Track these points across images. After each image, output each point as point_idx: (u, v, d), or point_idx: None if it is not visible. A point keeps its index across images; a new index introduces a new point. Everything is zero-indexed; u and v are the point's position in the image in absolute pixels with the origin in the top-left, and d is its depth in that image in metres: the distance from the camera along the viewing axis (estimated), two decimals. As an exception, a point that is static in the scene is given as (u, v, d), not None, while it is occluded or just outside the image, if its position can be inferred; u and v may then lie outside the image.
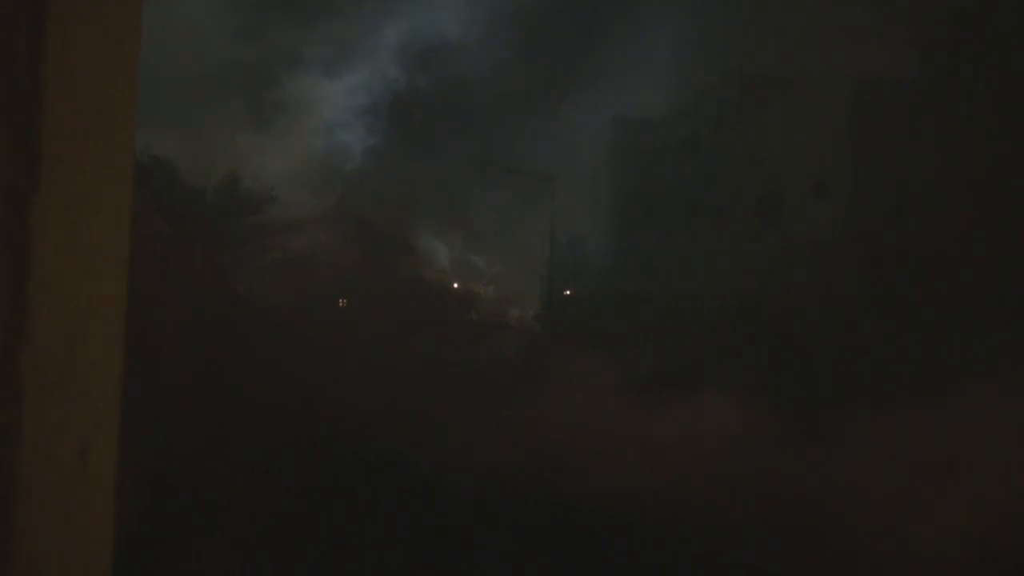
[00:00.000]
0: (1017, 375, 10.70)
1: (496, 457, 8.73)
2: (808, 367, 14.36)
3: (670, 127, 28.87)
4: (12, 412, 1.26)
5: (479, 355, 21.12)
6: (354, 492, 8.21)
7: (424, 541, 6.95)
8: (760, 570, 5.86)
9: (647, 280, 25.21)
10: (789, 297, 16.63)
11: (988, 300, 13.44)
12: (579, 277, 33.05)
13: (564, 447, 9.26)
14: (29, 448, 1.35)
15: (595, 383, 13.35)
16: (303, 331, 18.66)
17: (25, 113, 1.15)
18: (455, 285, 39.88)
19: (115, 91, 1.54)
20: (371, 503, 7.96)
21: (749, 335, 16.85)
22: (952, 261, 14.10)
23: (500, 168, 33.08)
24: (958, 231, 14.11)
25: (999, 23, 14.50)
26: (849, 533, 6.55)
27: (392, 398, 13.66)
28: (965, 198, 14.20)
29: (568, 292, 32.46)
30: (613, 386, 13.10)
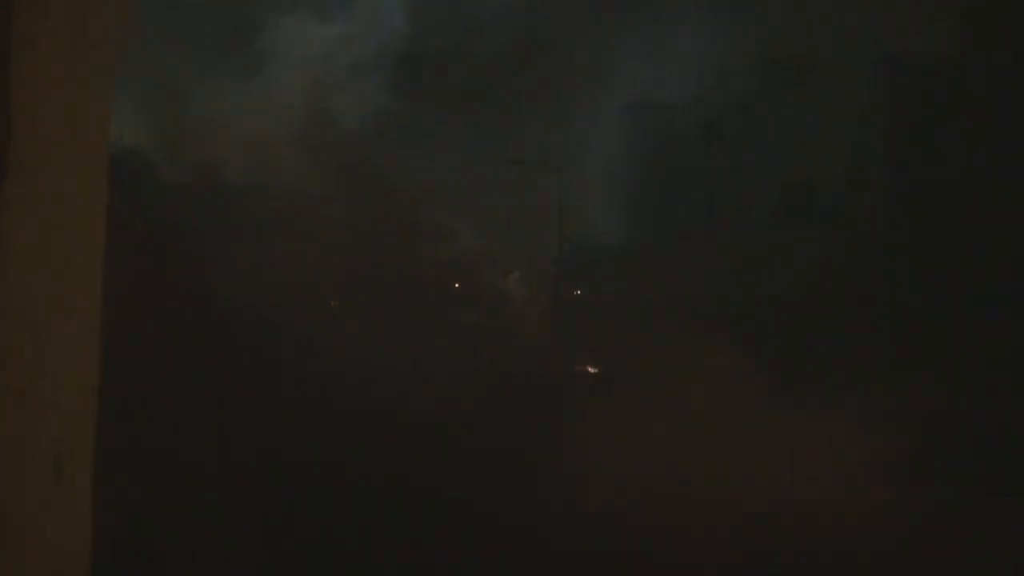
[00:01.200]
0: None
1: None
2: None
3: (690, 113, 28.85)
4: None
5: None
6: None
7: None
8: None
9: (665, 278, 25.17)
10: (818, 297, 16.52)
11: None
12: (591, 276, 32.99)
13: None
14: (1, 461, 1.36)
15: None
16: (312, 334, 18.41)
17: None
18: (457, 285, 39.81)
19: (88, 84, 1.56)
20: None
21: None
22: (986, 253, 14.06)
23: (503, 155, 32.74)
24: (993, 222, 14.06)
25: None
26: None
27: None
28: (1002, 187, 14.15)
29: (579, 292, 32.44)
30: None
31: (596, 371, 19.09)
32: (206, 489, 6.24)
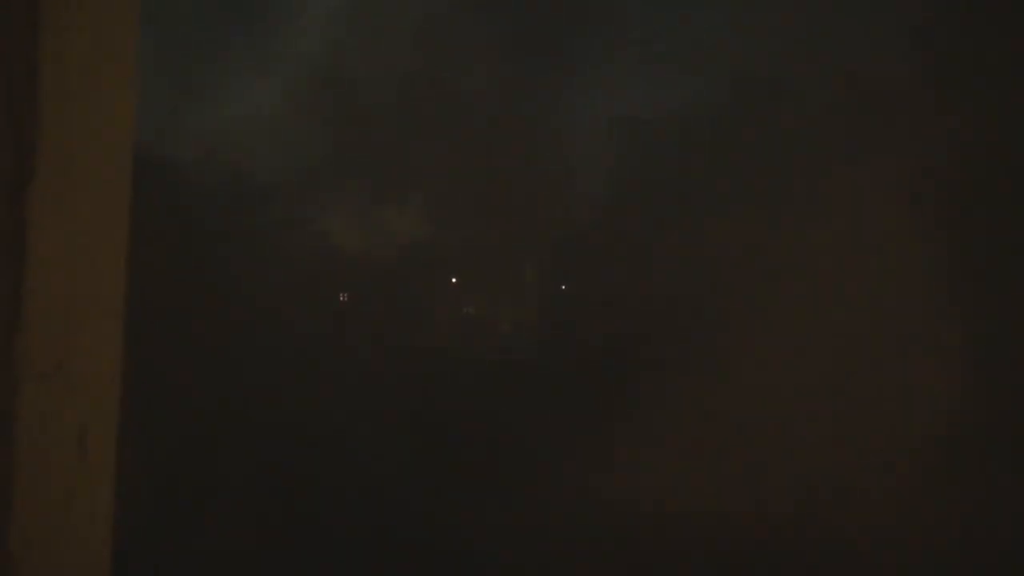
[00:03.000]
0: None
1: None
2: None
3: (667, 126, 28.87)
4: (7, 401, 1.26)
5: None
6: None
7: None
8: None
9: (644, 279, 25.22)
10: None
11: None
12: (574, 276, 33.03)
13: None
14: (26, 437, 1.34)
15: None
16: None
17: (19, 105, 1.15)
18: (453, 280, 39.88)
19: (113, 81, 1.53)
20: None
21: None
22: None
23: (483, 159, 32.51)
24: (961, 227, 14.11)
25: (995, 11, 14.50)
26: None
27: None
28: (967, 193, 14.22)
29: (564, 287, 32.54)
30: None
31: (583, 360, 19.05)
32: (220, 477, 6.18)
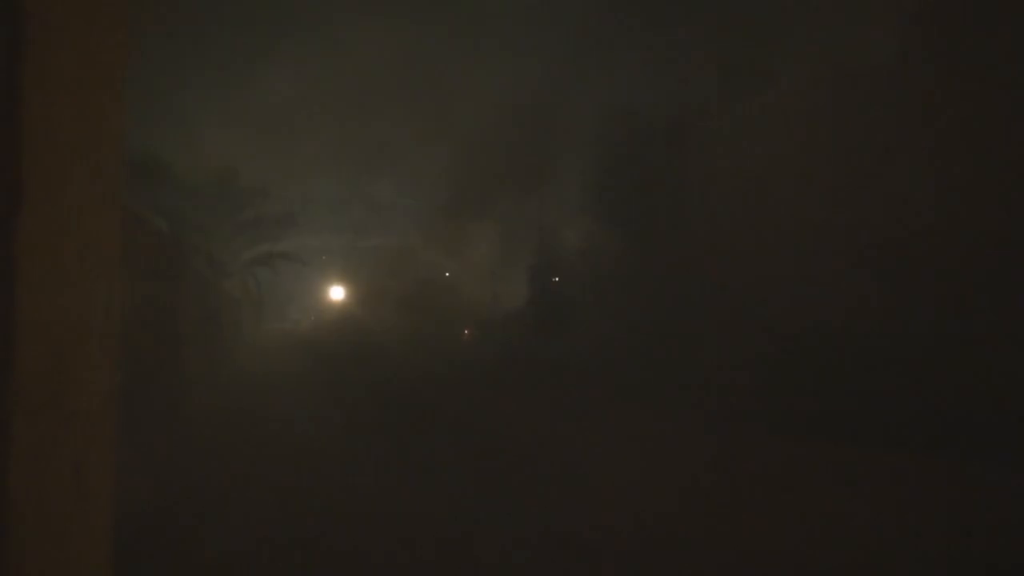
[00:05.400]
0: None
1: None
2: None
3: (652, 115, 28.76)
4: (1, 435, 1.22)
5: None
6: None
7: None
8: None
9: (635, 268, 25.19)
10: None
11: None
12: (566, 266, 33.00)
13: None
14: (21, 470, 1.31)
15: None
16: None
17: (4, 132, 1.10)
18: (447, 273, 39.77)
19: (100, 103, 1.48)
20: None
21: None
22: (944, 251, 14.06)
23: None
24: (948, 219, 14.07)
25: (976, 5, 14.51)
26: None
27: None
28: (953, 183, 14.18)
29: (556, 278, 32.44)
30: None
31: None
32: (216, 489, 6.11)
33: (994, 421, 9.50)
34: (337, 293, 50.82)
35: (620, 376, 15.23)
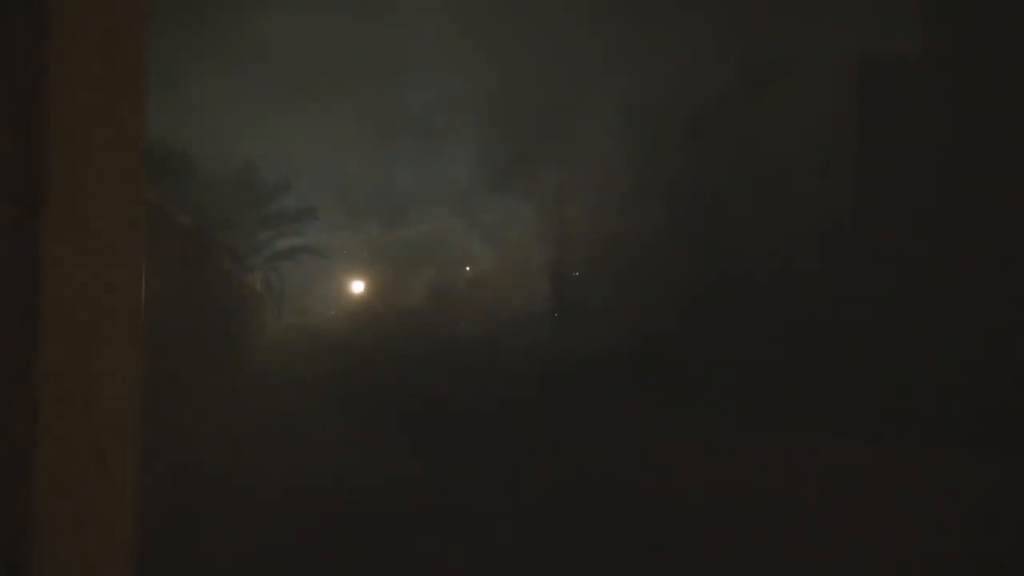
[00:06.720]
0: None
1: None
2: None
3: (671, 111, 28.58)
4: (27, 425, 1.24)
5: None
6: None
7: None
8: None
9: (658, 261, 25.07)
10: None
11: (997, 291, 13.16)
12: (587, 261, 32.95)
13: None
14: (47, 459, 1.33)
15: None
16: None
17: (29, 133, 1.12)
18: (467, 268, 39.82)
19: (123, 96, 1.50)
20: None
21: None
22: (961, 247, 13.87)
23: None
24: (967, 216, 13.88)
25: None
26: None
27: None
28: (971, 181, 13.98)
29: (577, 273, 32.41)
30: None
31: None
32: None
33: None
34: (358, 287, 51.01)
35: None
